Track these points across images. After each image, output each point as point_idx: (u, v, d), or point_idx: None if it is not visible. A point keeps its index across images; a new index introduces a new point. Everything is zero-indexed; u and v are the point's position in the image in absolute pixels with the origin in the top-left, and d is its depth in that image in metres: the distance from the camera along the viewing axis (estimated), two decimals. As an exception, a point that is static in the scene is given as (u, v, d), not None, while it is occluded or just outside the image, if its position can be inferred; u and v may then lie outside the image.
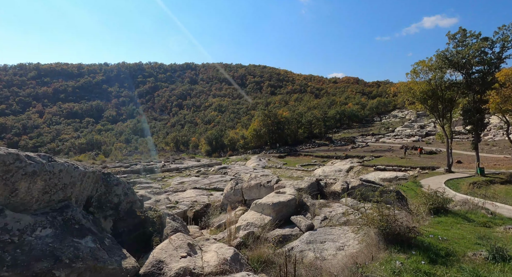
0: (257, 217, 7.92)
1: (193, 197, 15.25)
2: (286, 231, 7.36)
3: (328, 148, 66.61)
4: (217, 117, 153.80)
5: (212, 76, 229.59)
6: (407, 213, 9.44)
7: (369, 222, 5.61)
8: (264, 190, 11.35)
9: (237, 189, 11.99)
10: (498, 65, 21.56)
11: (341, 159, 47.83)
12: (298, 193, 9.72)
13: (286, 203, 8.38)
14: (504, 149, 38.97)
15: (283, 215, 8.18)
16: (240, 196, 11.90)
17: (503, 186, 20.18)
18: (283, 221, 8.08)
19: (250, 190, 11.64)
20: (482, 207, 9.58)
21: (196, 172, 43.48)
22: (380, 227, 5.37)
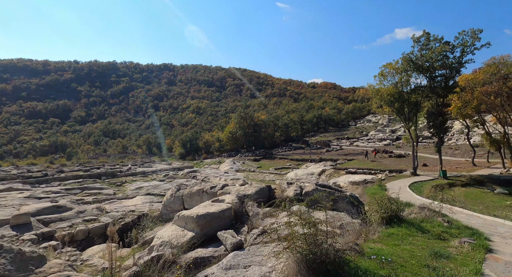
0: (177, 234, 6.35)
1: (136, 205, 13.30)
2: (208, 251, 5.86)
3: (304, 151, 66.57)
4: (195, 119, 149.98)
5: (191, 78, 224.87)
6: (362, 222, 8.37)
7: (289, 245, 4.28)
8: (206, 197, 9.81)
9: (178, 197, 10.33)
10: (458, 69, 21.97)
11: (315, 162, 47.58)
12: (240, 201, 8.30)
13: (218, 214, 6.90)
14: (465, 153, 40.68)
15: (213, 229, 6.68)
16: (180, 204, 10.25)
17: (463, 189, 20.30)
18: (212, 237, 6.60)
19: (191, 197, 10.03)
20: (439, 214, 8.76)
21: (163, 176, 40.81)
22: (301, 252, 4.06)
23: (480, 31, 20.41)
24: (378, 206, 7.44)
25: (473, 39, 20.53)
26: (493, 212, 14.75)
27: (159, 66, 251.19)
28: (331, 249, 4.16)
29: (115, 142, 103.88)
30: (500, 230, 7.62)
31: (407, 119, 25.78)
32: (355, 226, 8.02)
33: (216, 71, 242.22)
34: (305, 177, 37.53)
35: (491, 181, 21.87)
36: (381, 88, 26.11)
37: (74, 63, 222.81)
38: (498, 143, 27.60)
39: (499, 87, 25.87)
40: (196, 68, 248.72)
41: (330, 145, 72.75)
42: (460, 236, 6.33)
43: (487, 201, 17.54)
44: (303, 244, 4.10)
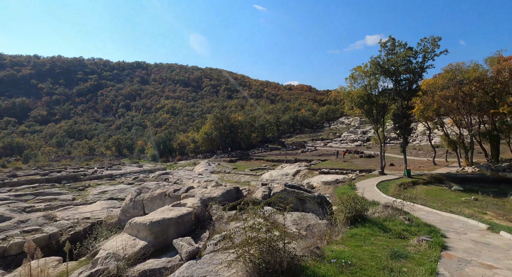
0: (128, 244, 5.69)
1: (93, 211, 12.16)
2: (160, 262, 5.30)
3: (279, 152, 67.11)
4: (169, 120, 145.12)
5: (166, 77, 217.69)
6: (329, 222, 8.27)
7: (241, 254, 3.92)
8: (169, 201, 9.15)
9: (138, 201, 9.54)
10: (421, 74, 23.40)
11: (291, 163, 48.11)
12: (203, 204, 7.79)
13: (176, 220, 6.35)
14: (427, 153, 43.59)
15: (170, 237, 6.11)
16: (140, 209, 9.47)
17: (425, 187, 21.52)
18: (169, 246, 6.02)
19: (153, 201, 9.31)
20: (401, 212, 8.97)
21: (133, 179, 38.61)
22: (254, 261, 3.72)
23: (439, 39, 21.89)
24: (343, 206, 7.38)
25: (433, 46, 21.96)
26: (450, 208, 15.71)
27: (131, 64, 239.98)
28: (287, 256, 3.86)
29: (81, 143, 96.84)
30: (455, 226, 7.94)
31: (376, 120, 26.90)
32: (322, 227, 7.90)
33: (192, 71, 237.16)
34: (280, 177, 37.70)
35: (449, 179, 23.48)
36: (352, 90, 26.99)
37: (35, 57, 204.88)
38: (455, 143, 29.83)
39: (455, 92, 28.03)
40: (171, 67, 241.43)
41: (305, 146, 74.18)
42: (419, 233, 6.42)
43: (445, 198, 18.73)
44: (256, 252, 3.75)
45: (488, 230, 7.51)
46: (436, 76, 30.50)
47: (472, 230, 7.44)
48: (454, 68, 28.24)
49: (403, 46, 23.00)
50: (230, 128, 75.19)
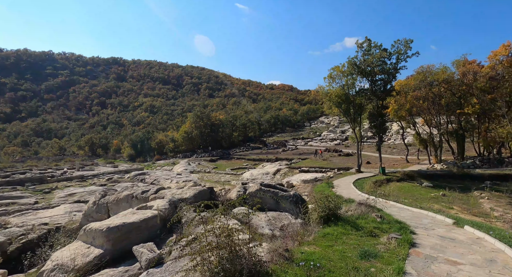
0: (81, 253, 5.12)
1: (54, 216, 11.17)
2: (117, 272, 4.81)
3: (261, 151, 67.09)
4: (148, 119, 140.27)
5: (144, 74, 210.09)
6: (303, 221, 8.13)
7: (199, 263, 3.59)
8: (136, 204, 8.55)
9: (102, 204, 8.83)
10: (394, 74, 24.29)
11: (272, 162, 48.20)
12: (171, 206, 7.32)
13: (139, 224, 5.85)
14: (401, 151, 45.56)
15: (132, 243, 5.61)
16: (105, 213, 8.77)
17: (398, 184, 22.35)
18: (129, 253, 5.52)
19: (118, 204, 8.65)
20: (374, 209, 9.06)
21: (106, 180, 36.63)
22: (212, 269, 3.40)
23: (411, 41, 22.81)
24: (317, 206, 7.25)
25: (406, 47, 22.85)
26: (420, 204, 16.37)
27: (106, 59, 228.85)
28: (249, 263, 3.58)
29: (50, 143, 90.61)
30: (424, 222, 8.12)
31: (353, 120, 27.55)
32: (296, 226, 7.73)
33: (172, 69, 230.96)
34: (261, 177, 37.59)
35: (420, 176, 24.59)
36: (330, 90, 27.41)
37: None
38: (425, 142, 31.37)
39: (426, 93, 29.46)
40: (150, 64, 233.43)
41: (286, 145, 74.78)
42: (390, 231, 6.44)
43: (417, 194, 19.55)
44: (215, 259, 3.43)
45: (453, 225, 7.75)
46: (408, 77, 31.89)
47: (439, 226, 7.63)
48: (425, 70, 29.66)
49: (379, 48, 23.71)
50: (211, 127, 74.02)
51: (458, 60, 28.15)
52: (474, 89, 26.98)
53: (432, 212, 9.56)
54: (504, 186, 22.13)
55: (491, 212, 14.96)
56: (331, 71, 27.10)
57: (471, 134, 31.13)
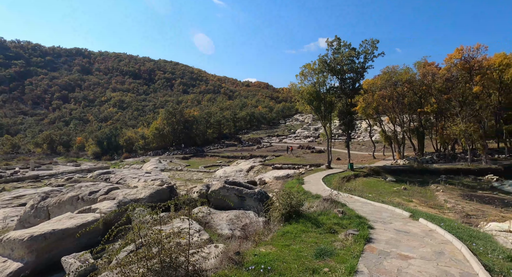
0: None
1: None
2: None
3: (236, 148, 66.60)
4: (117, 114, 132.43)
5: (113, 67, 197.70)
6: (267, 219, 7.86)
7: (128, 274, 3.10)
8: (82, 206, 7.64)
9: (42, 208, 7.80)
10: (362, 73, 25.17)
11: (246, 159, 47.95)
12: (120, 208, 6.61)
13: (74, 230, 5.13)
14: (369, 148, 47.81)
15: (63, 252, 4.88)
16: (45, 217, 7.75)
17: (365, 179, 23.26)
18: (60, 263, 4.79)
19: (61, 207, 7.69)
20: (338, 204, 9.11)
21: (65, 180, 33.71)
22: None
23: (377, 41, 23.72)
24: (278, 203, 7.01)
25: (373, 47, 23.72)
26: (383, 197, 17.12)
27: (69, 50, 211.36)
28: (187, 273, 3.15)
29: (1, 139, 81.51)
30: (384, 215, 8.30)
31: (324, 117, 28.13)
32: (258, 225, 7.44)
33: (144, 62, 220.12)
34: (234, 174, 37.17)
35: (385, 171, 25.86)
36: (302, 87, 27.68)
37: None
38: (390, 139, 33.12)
39: (391, 92, 31.04)
40: (118, 57, 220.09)
41: (261, 142, 75.00)
42: (350, 226, 6.39)
43: (381, 188, 20.49)
44: (140, 272, 2.96)
45: (410, 217, 8.00)
46: (376, 77, 33.35)
47: (397, 219, 7.83)
48: (390, 71, 31.20)
49: (348, 46, 24.33)
50: (184, 123, 71.79)
51: (419, 62, 30.00)
52: (432, 89, 28.94)
53: (392, 206, 9.87)
54: (456, 180, 24.10)
55: (445, 203, 16.09)
56: (302, 69, 27.35)
57: (430, 131, 33.49)
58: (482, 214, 14.70)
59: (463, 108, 26.64)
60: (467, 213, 14.52)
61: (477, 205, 16.07)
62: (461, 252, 4.88)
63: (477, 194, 19.05)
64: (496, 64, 26.73)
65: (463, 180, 23.93)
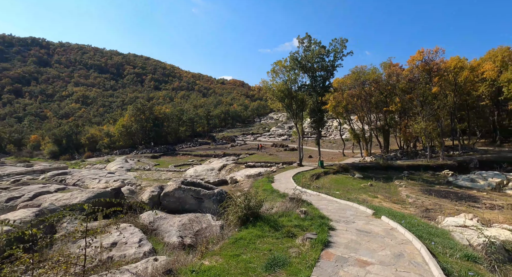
0: None
1: None
2: None
3: (209, 146, 65.16)
4: (80, 111, 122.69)
5: (75, 60, 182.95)
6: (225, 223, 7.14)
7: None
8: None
9: None
10: (332, 72, 25.50)
11: (219, 158, 46.89)
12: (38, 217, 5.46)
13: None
14: (339, 146, 49.27)
15: None
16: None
17: (334, 176, 23.58)
18: None
19: (-30, 218, 6.21)
20: (304, 203, 8.70)
21: (11, 183, 29.82)
22: None
23: (346, 40, 24.12)
24: (234, 205, 6.34)
25: (342, 46, 24.08)
26: (350, 194, 17.32)
27: (23, 39, 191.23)
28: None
29: None
30: (347, 214, 8.04)
31: (295, 114, 28.08)
32: (214, 230, 6.71)
33: (111, 56, 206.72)
34: (205, 173, 35.98)
35: (353, 168, 26.52)
36: (274, 84, 27.34)
37: None
38: (358, 137, 34.22)
39: (359, 91, 32.02)
40: (82, 49, 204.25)
41: (235, 140, 74.13)
42: (311, 228, 5.93)
43: (349, 185, 20.86)
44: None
45: (373, 215, 7.81)
46: (345, 76, 34.21)
47: (360, 217, 7.58)
48: (358, 70, 32.13)
49: (318, 44, 24.43)
50: (155, 121, 68.44)
51: (385, 62, 31.27)
52: (397, 89, 30.32)
53: (357, 204, 9.71)
54: (417, 175, 25.47)
55: (407, 199, 16.71)
56: (274, 66, 27.01)
57: (395, 129, 35.21)
58: (440, 207, 15.46)
59: (424, 107, 28.24)
60: (426, 208, 15.16)
61: (435, 199, 16.93)
62: (420, 253, 4.61)
63: (435, 189, 20.18)
64: (451, 67, 28.69)
65: (423, 175, 25.39)
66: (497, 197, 18.10)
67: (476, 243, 5.94)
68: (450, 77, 29.09)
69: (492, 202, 16.47)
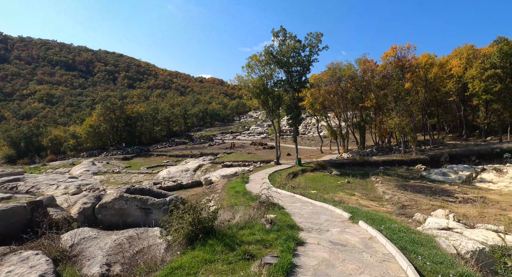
0: None
1: None
2: None
3: (186, 146, 62.84)
4: (44, 111, 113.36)
5: (38, 56, 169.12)
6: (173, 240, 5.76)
7: None
8: None
9: None
10: (308, 67, 24.78)
11: (196, 158, 45.09)
12: None
13: None
14: (318, 143, 49.29)
15: None
16: None
17: (312, 174, 22.91)
18: None
19: None
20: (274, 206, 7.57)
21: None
22: None
23: (321, 35, 23.47)
24: (177, 220, 5.02)
25: (317, 40, 23.41)
26: (328, 192, 16.60)
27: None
28: None
29: None
30: (322, 219, 7.05)
31: (272, 111, 27.10)
32: (158, 251, 5.34)
33: (80, 52, 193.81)
34: (179, 174, 34.08)
35: (331, 165, 26.10)
36: (249, 79, 26.14)
37: None
38: (335, 133, 34.09)
39: (336, 87, 31.77)
40: (46, 44, 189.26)
41: (213, 139, 72.20)
42: (275, 244, 4.79)
43: (326, 183, 20.26)
44: None
45: (349, 220, 6.89)
46: (322, 73, 33.87)
47: (335, 223, 6.61)
48: (334, 66, 31.87)
49: (293, 38, 23.55)
50: (127, 120, 64.50)
51: (360, 59, 31.27)
52: (372, 85, 30.43)
53: (333, 205, 8.80)
54: (392, 170, 25.61)
55: (384, 195, 16.34)
56: (249, 60, 25.80)
57: (370, 126, 35.55)
58: (415, 203, 15.24)
59: (397, 103, 28.54)
60: (403, 204, 14.83)
61: (410, 195, 16.76)
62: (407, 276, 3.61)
63: (410, 184, 20.18)
64: (422, 63, 29.27)
65: (398, 170, 25.59)
66: (468, 190, 18.40)
67: (465, 250, 5.15)
68: (421, 73, 29.70)
69: (464, 196, 16.61)
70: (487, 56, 30.82)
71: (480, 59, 31.20)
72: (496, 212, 13.31)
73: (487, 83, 29.12)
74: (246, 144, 59.68)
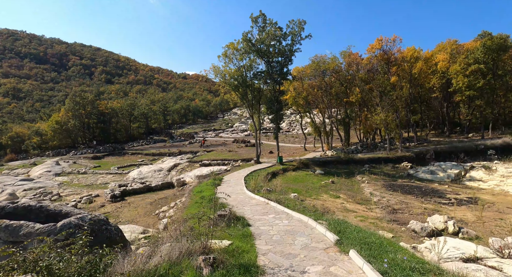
0: None
1: None
2: None
3: (165, 144, 59.46)
4: (9, 106, 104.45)
5: (4, 47, 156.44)
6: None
7: None
8: None
9: None
10: (290, 57, 22.75)
11: (174, 156, 42.21)
12: None
13: None
14: (301, 140, 47.73)
15: None
16: None
17: (294, 173, 21.01)
18: None
19: None
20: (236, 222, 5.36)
21: None
22: None
23: (304, 22, 21.52)
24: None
25: (300, 29, 21.41)
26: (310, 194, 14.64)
27: None
28: None
29: None
30: (297, 245, 4.94)
31: (251, 105, 24.89)
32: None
33: (52, 45, 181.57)
34: (151, 174, 31.16)
35: (314, 163, 24.34)
36: (226, 70, 23.71)
37: None
38: (319, 130, 32.48)
39: (320, 82, 30.08)
40: (14, 35, 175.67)
41: (194, 137, 69.04)
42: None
43: (309, 183, 18.40)
44: None
45: (336, 246, 4.84)
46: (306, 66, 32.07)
47: (316, 253, 4.53)
48: (319, 60, 30.13)
49: (274, 25, 21.40)
50: (100, 116, 59.91)
51: (345, 51, 29.73)
52: (356, 79, 28.98)
53: (313, 219, 6.72)
54: (378, 168, 24.25)
55: (371, 197, 14.69)
56: (226, 49, 23.33)
57: (355, 122, 34.26)
58: (407, 206, 13.69)
59: (383, 98, 27.28)
60: (393, 208, 13.20)
61: (400, 196, 15.24)
62: None
63: (397, 184, 18.78)
64: (408, 57, 28.17)
65: (384, 168, 24.31)
66: (459, 189, 17.21)
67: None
68: (406, 67, 28.66)
69: (457, 196, 15.33)
70: (470, 51, 30.29)
71: (464, 55, 30.64)
72: (494, 216, 11.94)
73: (470, 79, 28.54)
74: (229, 142, 57.22)
